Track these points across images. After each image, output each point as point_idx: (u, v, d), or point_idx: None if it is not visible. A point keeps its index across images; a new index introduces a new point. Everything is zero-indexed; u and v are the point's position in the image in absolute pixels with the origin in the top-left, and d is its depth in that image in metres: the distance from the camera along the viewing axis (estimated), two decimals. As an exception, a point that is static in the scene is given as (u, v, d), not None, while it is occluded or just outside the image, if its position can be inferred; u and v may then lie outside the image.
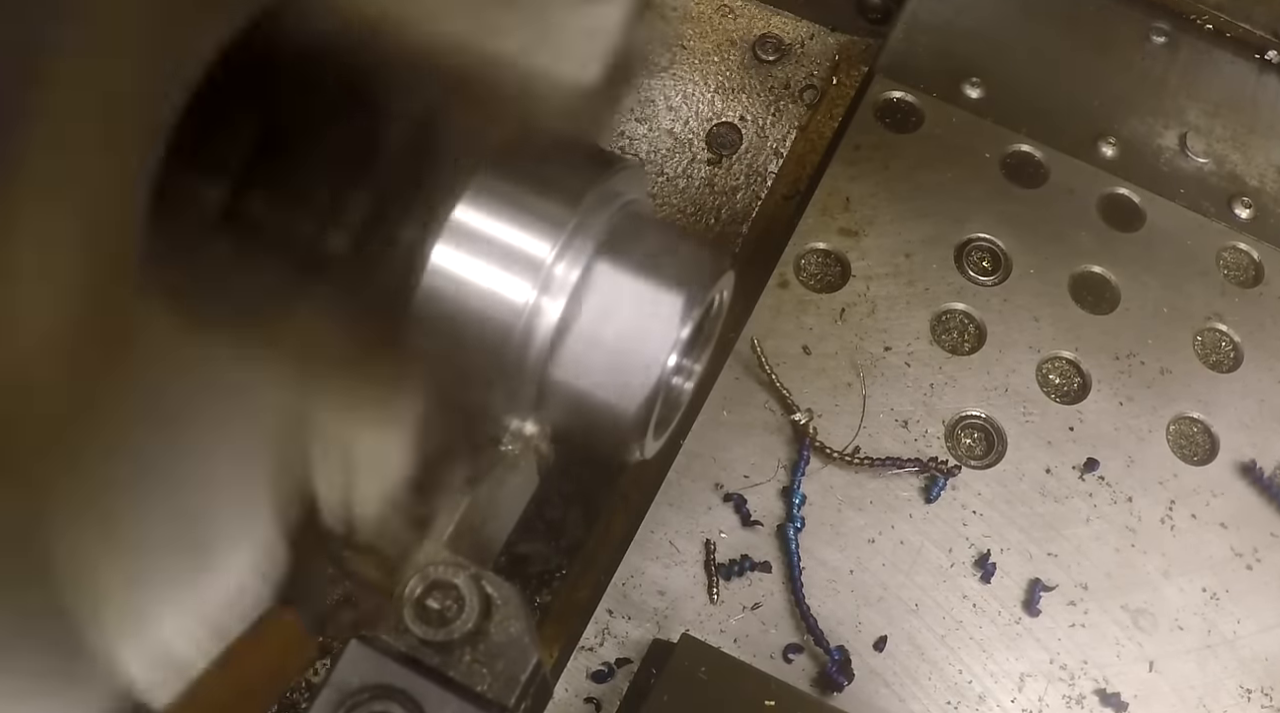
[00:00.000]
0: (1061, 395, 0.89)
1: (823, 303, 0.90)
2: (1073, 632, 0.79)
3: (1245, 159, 1.04)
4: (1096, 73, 1.08)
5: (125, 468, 0.46)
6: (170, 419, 0.48)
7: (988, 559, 0.80)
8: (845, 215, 0.94)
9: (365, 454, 0.55)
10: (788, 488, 0.82)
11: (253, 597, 0.50)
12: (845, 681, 0.75)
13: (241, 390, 0.53)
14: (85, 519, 0.44)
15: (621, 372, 0.53)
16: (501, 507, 0.57)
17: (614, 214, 0.56)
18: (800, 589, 0.78)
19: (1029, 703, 0.76)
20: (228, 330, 0.51)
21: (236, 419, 0.53)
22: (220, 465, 0.53)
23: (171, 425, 0.49)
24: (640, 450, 0.59)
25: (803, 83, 1.12)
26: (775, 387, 0.85)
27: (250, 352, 0.52)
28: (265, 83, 0.49)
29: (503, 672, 0.43)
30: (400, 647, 0.43)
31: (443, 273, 0.52)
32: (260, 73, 0.47)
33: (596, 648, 0.76)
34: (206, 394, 0.50)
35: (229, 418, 0.53)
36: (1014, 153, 1.00)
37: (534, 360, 0.54)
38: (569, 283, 0.53)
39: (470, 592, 0.44)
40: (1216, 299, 0.95)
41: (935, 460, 0.83)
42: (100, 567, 0.46)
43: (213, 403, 0.51)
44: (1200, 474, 0.86)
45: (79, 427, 0.42)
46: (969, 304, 0.91)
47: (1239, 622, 0.81)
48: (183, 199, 0.46)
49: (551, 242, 0.53)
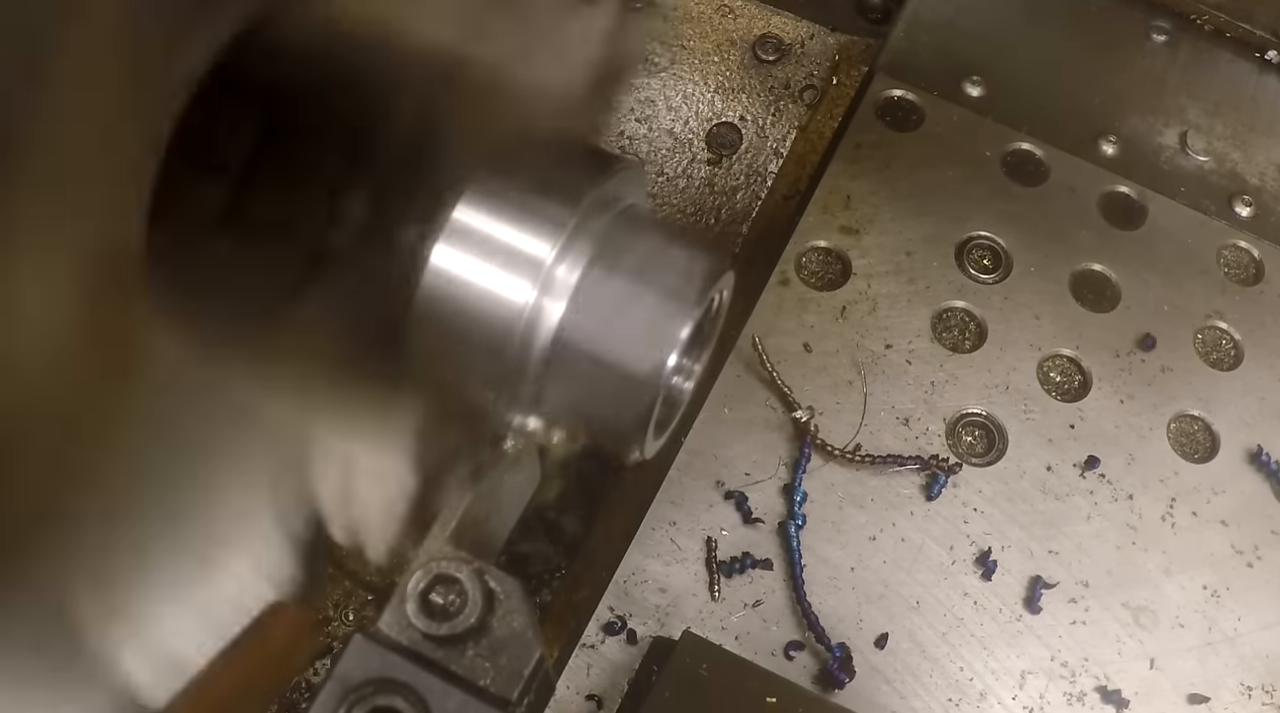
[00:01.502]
0: (1062, 393, 0.89)
1: (824, 301, 0.90)
2: (1074, 629, 0.79)
3: (1246, 157, 1.05)
4: (1097, 71, 1.08)
5: (127, 474, 0.46)
6: (172, 426, 0.49)
7: (989, 557, 0.81)
8: (846, 213, 0.95)
9: (366, 459, 0.56)
10: (789, 485, 0.82)
11: (255, 598, 0.50)
12: (846, 678, 0.75)
13: (243, 397, 0.53)
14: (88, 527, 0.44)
15: (621, 372, 0.53)
16: (504, 503, 0.57)
17: (614, 214, 0.56)
18: (801, 587, 0.78)
19: (1030, 700, 0.76)
20: (228, 335, 0.51)
21: (238, 426, 0.53)
22: (223, 472, 0.53)
23: (173, 432, 0.49)
24: (640, 450, 0.60)
25: (803, 83, 1.13)
26: (776, 384, 0.85)
27: (251, 357, 0.53)
28: (264, 84, 0.49)
29: (506, 666, 0.43)
30: (403, 641, 0.43)
31: (443, 273, 0.53)
32: (259, 74, 0.47)
33: (598, 646, 0.76)
34: (208, 401, 0.50)
35: (231, 425, 0.53)
36: (1015, 151, 1.00)
37: (534, 361, 0.54)
38: (569, 283, 0.53)
39: (473, 586, 0.44)
40: (1217, 297, 0.95)
41: (936, 458, 0.83)
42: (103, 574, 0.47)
43: (214, 410, 0.51)
44: (1201, 472, 0.86)
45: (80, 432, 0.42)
46: (970, 302, 0.92)
47: (1240, 619, 0.81)
48: (183, 200, 0.46)
49: (552, 242, 0.53)
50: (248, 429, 0.54)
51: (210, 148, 0.49)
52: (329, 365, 0.55)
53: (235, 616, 0.47)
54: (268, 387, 0.54)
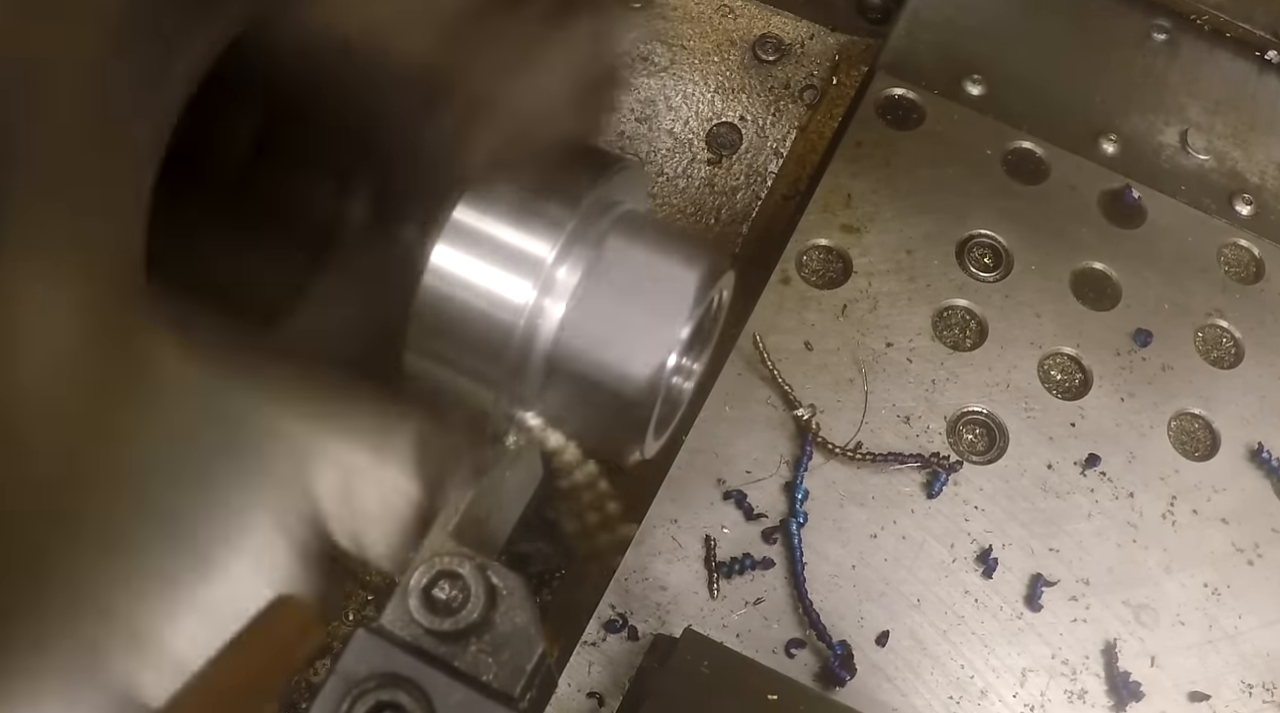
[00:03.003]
0: (1063, 391, 0.89)
1: (824, 299, 0.91)
2: (1074, 627, 0.79)
3: (1246, 156, 1.05)
4: (1097, 70, 1.08)
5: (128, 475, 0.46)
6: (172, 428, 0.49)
7: (989, 554, 0.81)
8: (847, 212, 0.95)
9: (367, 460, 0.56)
10: (790, 483, 0.82)
11: (256, 599, 0.50)
12: (847, 675, 0.75)
13: (243, 399, 0.53)
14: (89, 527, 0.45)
15: (621, 372, 0.54)
16: (506, 499, 0.58)
17: (614, 215, 0.57)
18: (803, 584, 0.78)
19: (1031, 698, 0.77)
20: (229, 337, 0.51)
21: (239, 429, 0.53)
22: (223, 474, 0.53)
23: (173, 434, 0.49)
24: (641, 450, 0.60)
25: (803, 83, 1.13)
26: (777, 382, 0.85)
27: (252, 358, 0.53)
28: (264, 85, 0.49)
29: (508, 662, 0.44)
30: (406, 636, 0.44)
31: (443, 273, 0.53)
32: (259, 76, 0.47)
33: (599, 643, 0.76)
34: (208, 404, 0.51)
35: (231, 427, 0.53)
36: (1015, 149, 1.00)
37: (534, 361, 0.54)
38: (569, 283, 0.54)
39: (476, 582, 0.44)
40: (1217, 295, 0.95)
41: (937, 456, 0.84)
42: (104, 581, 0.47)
43: (215, 413, 0.51)
44: (1201, 470, 0.86)
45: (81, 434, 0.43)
46: (970, 300, 0.92)
47: (1240, 617, 0.81)
48: (183, 201, 0.46)
49: (551, 242, 0.53)
50: (248, 431, 0.54)
51: (210, 150, 0.50)
52: (329, 367, 0.55)
53: (236, 616, 0.47)
54: (268, 388, 0.54)
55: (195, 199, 0.50)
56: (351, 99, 0.52)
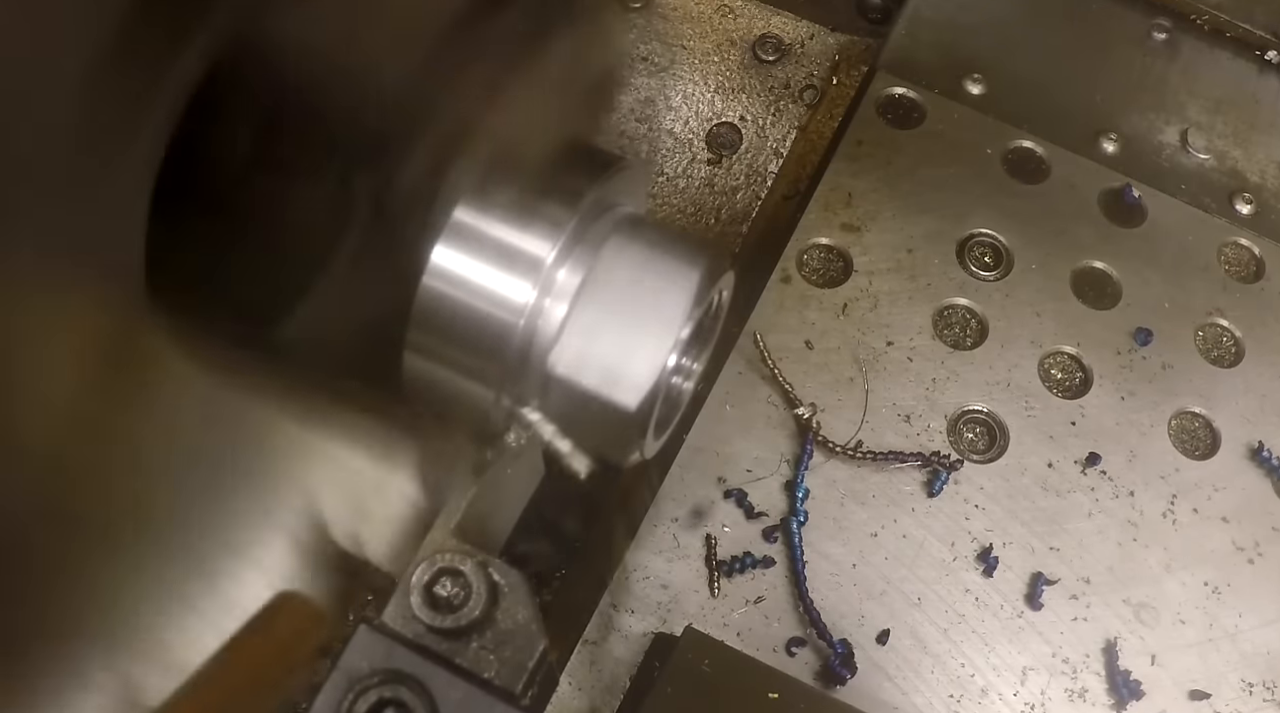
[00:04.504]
0: (1063, 390, 0.89)
1: (825, 298, 0.91)
2: (1075, 626, 0.79)
3: (1246, 155, 1.05)
4: (1098, 69, 1.08)
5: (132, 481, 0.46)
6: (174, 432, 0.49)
7: (990, 553, 0.81)
8: (847, 211, 0.95)
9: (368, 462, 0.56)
10: (790, 482, 0.82)
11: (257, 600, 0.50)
12: (848, 674, 0.75)
13: (245, 401, 0.53)
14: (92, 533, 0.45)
15: (621, 372, 0.54)
16: (507, 497, 0.58)
17: (614, 215, 0.57)
18: (803, 583, 0.78)
19: (1031, 697, 0.77)
20: (231, 341, 0.51)
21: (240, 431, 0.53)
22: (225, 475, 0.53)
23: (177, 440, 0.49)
24: (641, 450, 0.60)
25: (803, 83, 1.13)
26: (778, 381, 0.85)
27: (253, 360, 0.53)
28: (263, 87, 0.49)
29: (510, 658, 0.44)
30: (408, 633, 0.44)
31: (443, 273, 0.53)
32: (258, 77, 0.47)
33: (599, 642, 0.76)
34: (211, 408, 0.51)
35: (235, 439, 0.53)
36: (1015, 149, 1.01)
37: (534, 361, 0.54)
38: (569, 283, 0.54)
39: (477, 579, 0.44)
40: (1218, 294, 0.95)
41: (937, 455, 0.84)
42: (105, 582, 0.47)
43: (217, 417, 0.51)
44: (1202, 469, 0.87)
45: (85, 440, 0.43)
46: (971, 299, 0.92)
47: (1241, 616, 0.81)
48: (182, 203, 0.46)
49: (551, 242, 0.53)
50: (248, 432, 0.54)
51: (210, 150, 0.50)
52: (329, 367, 0.55)
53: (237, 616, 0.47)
54: (268, 389, 0.54)
55: (195, 199, 0.50)
56: (354, 100, 0.52)
